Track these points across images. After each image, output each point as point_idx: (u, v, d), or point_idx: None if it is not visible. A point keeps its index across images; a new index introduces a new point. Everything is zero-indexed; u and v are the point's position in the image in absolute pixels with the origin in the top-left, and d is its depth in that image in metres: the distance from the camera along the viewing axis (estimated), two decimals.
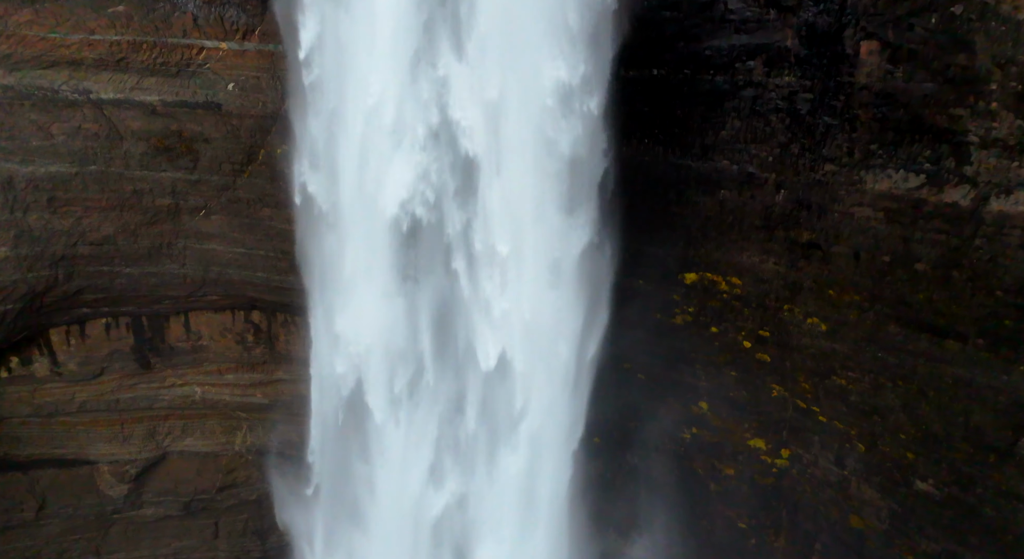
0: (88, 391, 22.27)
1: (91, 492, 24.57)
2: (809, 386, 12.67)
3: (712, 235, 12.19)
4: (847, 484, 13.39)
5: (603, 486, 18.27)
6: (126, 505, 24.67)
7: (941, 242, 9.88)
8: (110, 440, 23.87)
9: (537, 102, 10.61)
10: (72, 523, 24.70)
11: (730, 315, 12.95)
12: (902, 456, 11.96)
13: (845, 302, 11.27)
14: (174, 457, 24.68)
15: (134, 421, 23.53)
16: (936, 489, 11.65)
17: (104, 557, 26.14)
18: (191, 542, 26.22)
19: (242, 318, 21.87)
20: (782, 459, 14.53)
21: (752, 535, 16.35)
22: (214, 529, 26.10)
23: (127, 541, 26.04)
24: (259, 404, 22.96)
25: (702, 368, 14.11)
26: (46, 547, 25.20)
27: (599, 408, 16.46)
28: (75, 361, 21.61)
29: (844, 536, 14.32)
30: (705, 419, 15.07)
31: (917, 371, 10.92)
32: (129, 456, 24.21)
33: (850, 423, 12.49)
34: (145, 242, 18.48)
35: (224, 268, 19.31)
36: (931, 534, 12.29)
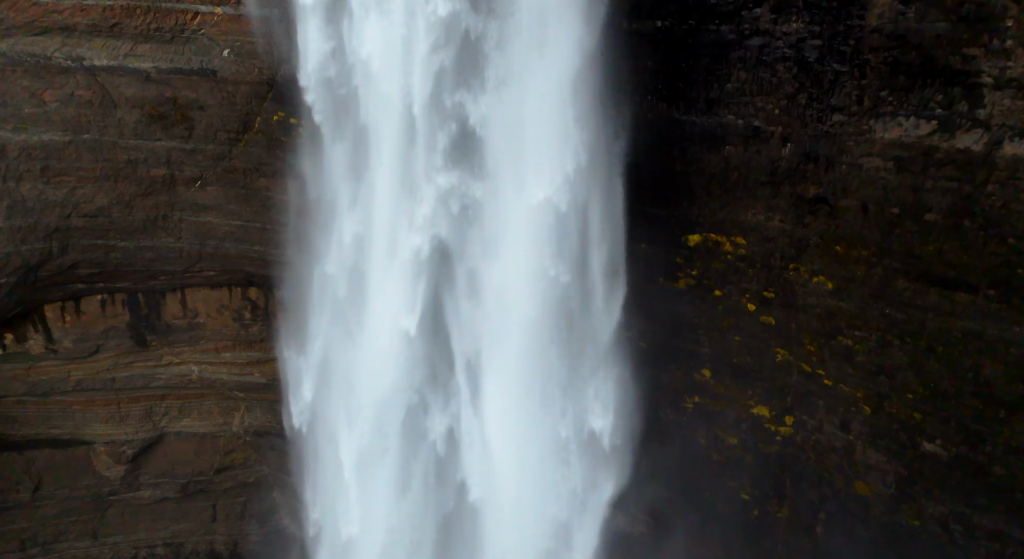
0: (84, 369, 21.96)
1: (88, 473, 24.26)
2: (814, 348, 12.42)
3: (716, 193, 11.92)
4: (852, 449, 13.15)
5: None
6: (123, 487, 24.37)
7: (952, 190, 9.63)
8: (106, 420, 23.57)
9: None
10: (68, 504, 24.40)
11: (734, 277, 12.68)
12: (909, 417, 11.71)
13: (852, 258, 11.01)
14: (171, 438, 24.38)
15: (131, 401, 23.23)
16: (944, 449, 11.42)
17: (101, 539, 25.85)
18: (189, 525, 25.93)
19: (239, 295, 21.58)
20: (786, 426, 14.28)
21: (755, 506, 16.10)
22: (212, 512, 25.82)
23: (124, 524, 25.74)
24: (257, 383, 22.66)
25: (705, 333, 13.85)
26: (42, 529, 24.89)
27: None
28: (70, 338, 21.29)
29: (849, 504, 14.08)
30: (708, 387, 14.81)
31: (926, 326, 10.67)
32: (126, 436, 23.91)
33: (856, 385, 12.24)
34: (140, 214, 18.16)
35: (220, 242, 19.00)
36: (938, 496, 12.06)
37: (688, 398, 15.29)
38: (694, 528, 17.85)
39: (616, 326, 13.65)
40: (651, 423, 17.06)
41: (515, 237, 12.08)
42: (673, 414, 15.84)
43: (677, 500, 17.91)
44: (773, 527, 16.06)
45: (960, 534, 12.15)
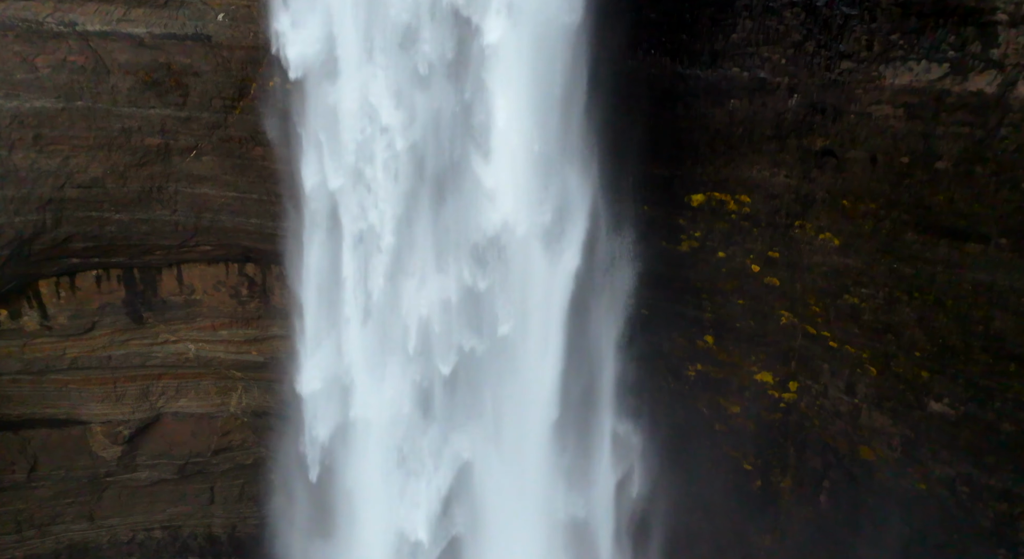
0: (79, 346, 21.61)
1: (84, 453, 23.92)
2: (819, 309, 12.16)
3: (721, 150, 11.63)
4: (857, 413, 12.90)
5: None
6: (119, 468, 24.05)
7: (964, 135, 9.35)
8: (102, 400, 23.23)
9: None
10: (65, 486, 24.06)
11: (738, 237, 12.41)
12: (916, 376, 11.46)
13: (860, 212, 10.74)
14: (168, 418, 24.05)
15: (127, 380, 22.89)
16: (951, 408, 11.17)
17: (98, 522, 25.53)
18: (187, 508, 25.62)
19: (236, 271, 21.24)
20: (790, 392, 14.03)
21: (758, 476, 15.86)
22: (210, 494, 25.51)
23: (121, 506, 25.41)
24: (254, 362, 22.34)
25: (708, 298, 13.57)
26: (38, 510, 24.55)
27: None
28: (65, 314, 20.93)
29: (853, 470, 13.84)
30: (711, 353, 14.55)
31: (935, 280, 10.40)
32: (122, 416, 23.57)
33: (862, 345, 11.98)
34: (135, 185, 17.80)
35: (216, 214, 18.65)
36: (945, 458, 11.82)
37: (690, 366, 15.03)
38: (696, 500, 17.62)
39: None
40: (652, 395, 16.90)
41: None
42: (675, 383, 15.58)
43: (679, 474, 17.70)
44: (776, 497, 15.83)
45: (967, 496, 11.92)
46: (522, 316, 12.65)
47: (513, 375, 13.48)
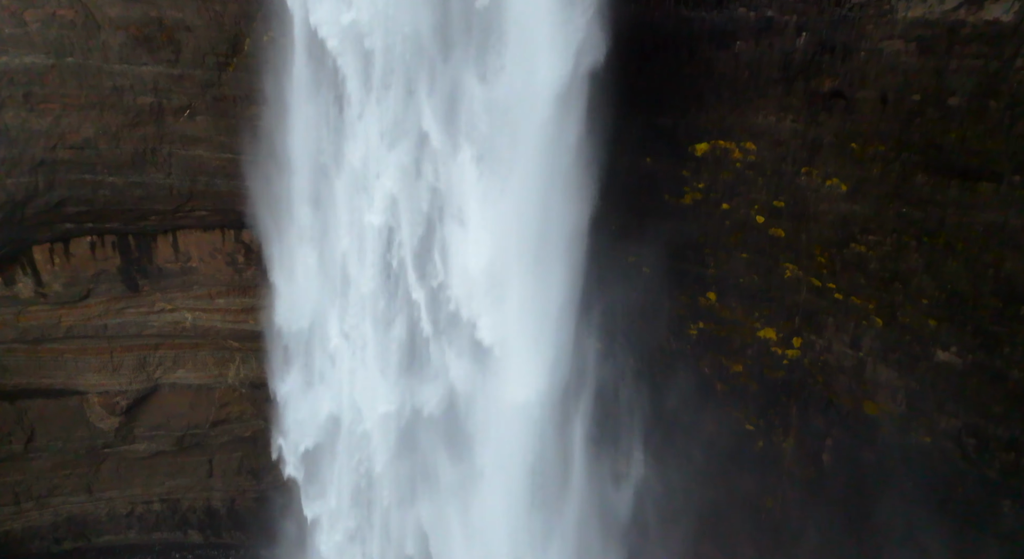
0: (75, 315, 21.31)
1: (81, 424, 23.69)
2: (825, 259, 11.90)
3: (726, 96, 11.31)
4: (862, 367, 12.68)
5: (606, 397, 17.58)
6: (117, 439, 23.83)
7: (978, 69, 9.05)
8: (99, 370, 22.97)
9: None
10: (63, 457, 23.85)
11: (743, 187, 12.12)
12: (923, 325, 11.23)
13: (869, 155, 10.46)
14: (166, 389, 23.80)
15: (124, 350, 22.62)
16: (958, 357, 10.95)
17: (96, 494, 25.33)
18: (185, 480, 25.43)
19: (232, 237, 20.90)
20: (793, 349, 13.80)
21: (760, 437, 15.67)
22: (208, 467, 25.31)
23: (119, 478, 25.22)
24: (251, 332, 22.02)
25: (711, 253, 13.30)
26: (36, 482, 24.36)
27: (601, 309, 15.77)
28: (60, 282, 20.62)
29: (857, 427, 13.64)
30: (713, 311, 14.31)
31: (945, 223, 10.14)
32: (119, 387, 23.32)
33: (868, 296, 11.74)
34: (128, 147, 17.44)
35: (211, 178, 18.30)
36: (951, 409, 11.62)
37: (692, 325, 14.78)
38: (697, 465, 17.43)
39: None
40: (654, 355, 16.68)
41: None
42: (677, 343, 15.34)
43: (680, 437, 17.52)
44: (778, 458, 15.63)
45: (973, 447, 11.74)
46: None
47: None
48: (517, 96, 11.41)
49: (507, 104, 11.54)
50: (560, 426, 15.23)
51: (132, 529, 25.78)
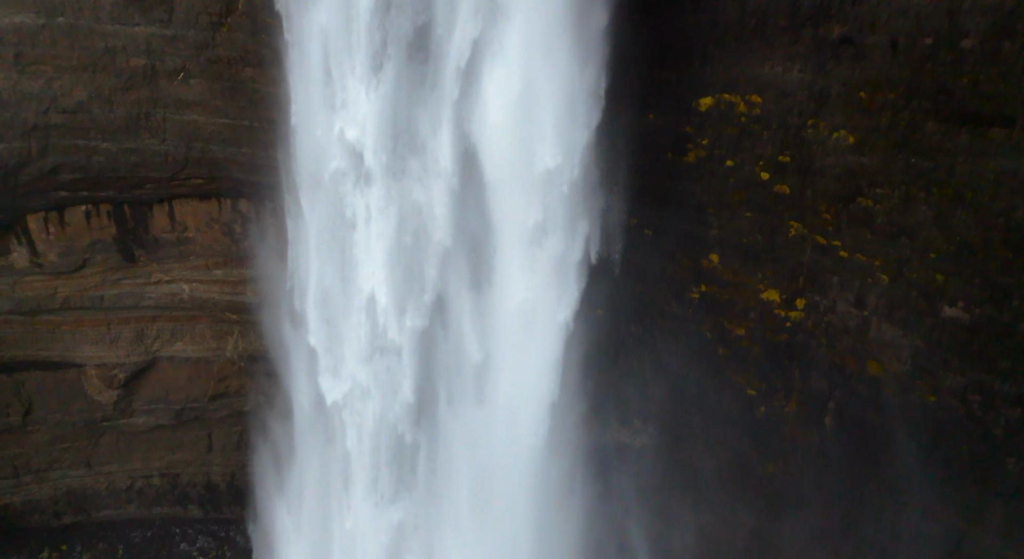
0: (71, 285, 21.10)
1: (79, 397, 23.54)
2: (831, 215, 11.69)
3: (731, 46, 11.03)
4: (866, 327, 12.50)
5: (606, 364, 17.42)
6: (116, 413, 23.71)
7: (993, 8, 8.77)
8: (97, 342, 22.79)
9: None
10: (61, 430, 23.74)
11: (748, 142, 11.87)
12: (930, 280, 11.04)
13: (878, 104, 10.20)
14: (164, 363, 23.65)
15: (121, 322, 22.43)
16: (966, 312, 10.77)
17: (95, 468, 25.26)
18: (185, 455, 25.34)
19: (229, 207, 20.62)
20: (797, 311, 13.62)
21: (761, 402, 15.52)
22: (208, 441, 25.23)
23: (119, 452, 25.13)
24: (249, 304, 21.86)
25: (715, 212, 13.08)
26: (35, 456, 24.27)
27: (602, 276, 15.56)
28: (55, 251, 20.37)
29: (860, 389, 13.49)
30: (715, 273, 14.11)
31: (955, 172, 9.91)
32: (117, 360, 23.16)
33: (874, 252, 11.53)
34: (121, 111, 17.10)
35: (207, 144, 17.98)
36: (957, 366, 11.46)
37: (694, 288, 14.57)
38: (699, 433, 17.29)
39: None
40: (655, 320, 16.50)
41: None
42: (678, 307, 15.15)
43: (681, 405, 17.38)
44: (780, 423, 15.50)
45: (979, 405, 11.60)
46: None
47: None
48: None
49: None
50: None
51: (132, 504, 25.75)
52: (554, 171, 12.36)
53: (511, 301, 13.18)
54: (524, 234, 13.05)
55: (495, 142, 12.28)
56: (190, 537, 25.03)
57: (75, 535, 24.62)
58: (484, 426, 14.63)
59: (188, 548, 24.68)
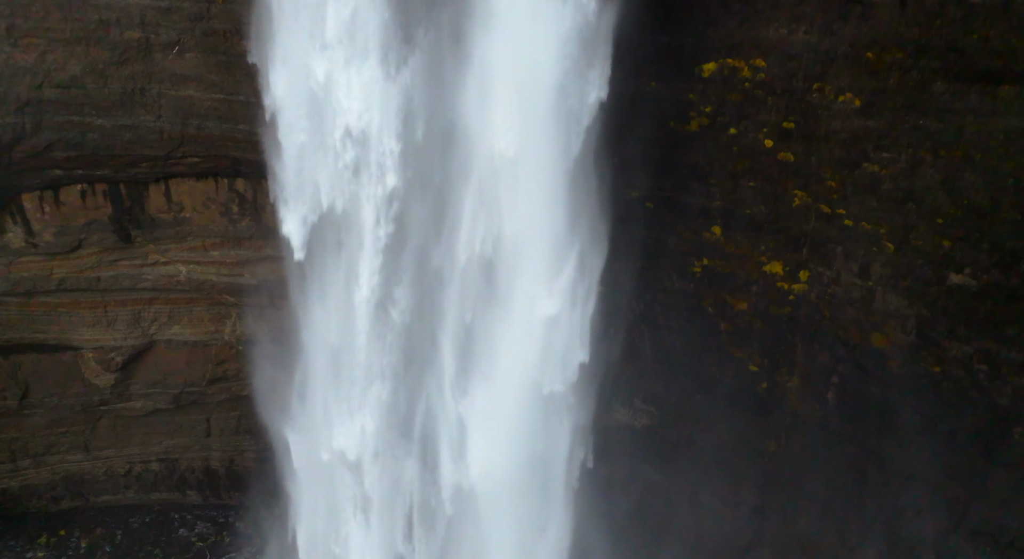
0: (67, 266, 20.82)
1: (76, 380, 23.30)
2: (836, 183, 11.49)
3: (736, 8, 10.79)
4: (871, 297, 12.33)
5: (606, 340, 17.25)
6: (113, 396, 23.47)
7: None
8: (93, 325, 22.55)
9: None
10: (58, 414, 23.51)
11: (752, 109, 11.64)
12: (937, 247, 10.85)
13: (886, 64, 9.98)
14: (161, 346, 23.40)
15: (117, 304, 22.18)
16: (972, 278, 10.59)
17: (93, 453, 25.04)
18: (183, 440, 25.14)
19: (226, 186, 20.36)
20: (800, 283, 13.44)
21: (764, 377, 15.36)
22: (206, 426, 25.01)
23: (116, 437, 24.91)
24: (247, 286, 21.61)
25: (717, 183, 12.87)
26: (32, 439, 24.03)
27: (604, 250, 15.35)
28: (51, 231, 20.09)
29: (864, 361, 13.33)
30: (718, 246, 13.91)
31: (964, 133, 9.71)
32: (114, 342, 22.92)
33: (879, 220, 11.34)
34: (116, 86, 16.82)
35: (203, 120, 17.70)
36: (963, 335, 11.30)
37: (696, 262, 14.38)
38: (700, 411, 17.13)
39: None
40: (656, 296, 16.32)
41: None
42: (680, 281, 14.96)
43: (682, 382, 17.21)
44: (782, 399, 15.33)
45: (984, 374, 11.43)
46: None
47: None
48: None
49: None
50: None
51: (130, 489, 25.54)
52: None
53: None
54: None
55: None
56: (189, 523, 24.83)
57: (73, 520, 24.42)
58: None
59: (187, 534, 24.49)
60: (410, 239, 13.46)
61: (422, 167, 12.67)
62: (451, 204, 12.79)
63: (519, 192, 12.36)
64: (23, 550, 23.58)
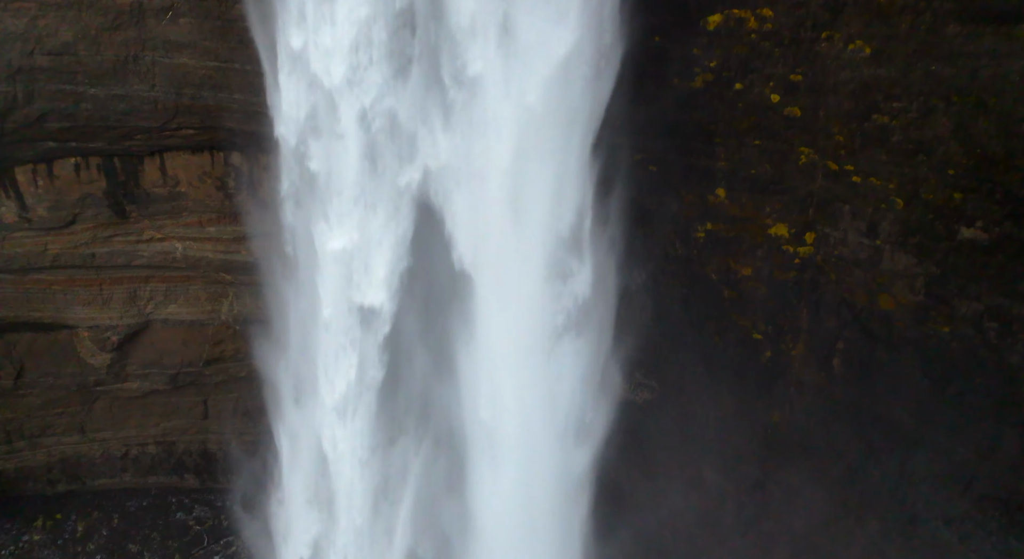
0: (61, 242, 20.43)
1: (72, 360, 22.90)
2: (843, 137, 11.16)
3: None
4: (879, 257, 12.00)
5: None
6: (109, 377, 23.07)
7: None
8: (88, 303, 22.15)
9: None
10: (54, 394, 23.11)
11: (758, 62, 11.30)
12: (948, 199, 10.53)
13: (897, 7, 9.61)
14: (158, 325, 23.01)
15: (113, 282, 21.79)
16: (984, 231, 10.26)
17: (89, 435, 24.65)
18: (180, 422, 24.76)
19: (221, 160, 19.96)
20: (805, 246, 13.11)
21: (768, 346, 15.02)
22: (203, 408, 24.63)
23: (113, 418, 24.52)
24: (244, 263, 21.22)
25: (722, 142, 12.53)
26: (28, 420, 23.64)
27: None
28: (44, 205, 19.70)
29: (871, 325, 13.00)
30: (722, 209, 13.57)
31: (978, 77, 9.39)
32: (110, 321, 22.52)
33: (888, 174, 11.01)
34: (109, 53, 16.43)
35: (198, 90, 17.31)
36: (973, 292, 10.98)
37: (699, 227, 14.03)
38: (702, 384, 16.76)
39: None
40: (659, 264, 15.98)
41: None
42: (683, 248, 14.62)
43: (684, 354, 16.88)
44: (787, 368, 14.99)
45: (995, 331, 11.11)
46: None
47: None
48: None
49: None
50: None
51: (127, 472, 25.15)
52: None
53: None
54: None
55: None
56: (187, 506, 24.47)
57: (70, 503, 24.04)
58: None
59: (184, 517, 24.13)
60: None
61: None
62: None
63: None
64: (19, 533, 23.21)
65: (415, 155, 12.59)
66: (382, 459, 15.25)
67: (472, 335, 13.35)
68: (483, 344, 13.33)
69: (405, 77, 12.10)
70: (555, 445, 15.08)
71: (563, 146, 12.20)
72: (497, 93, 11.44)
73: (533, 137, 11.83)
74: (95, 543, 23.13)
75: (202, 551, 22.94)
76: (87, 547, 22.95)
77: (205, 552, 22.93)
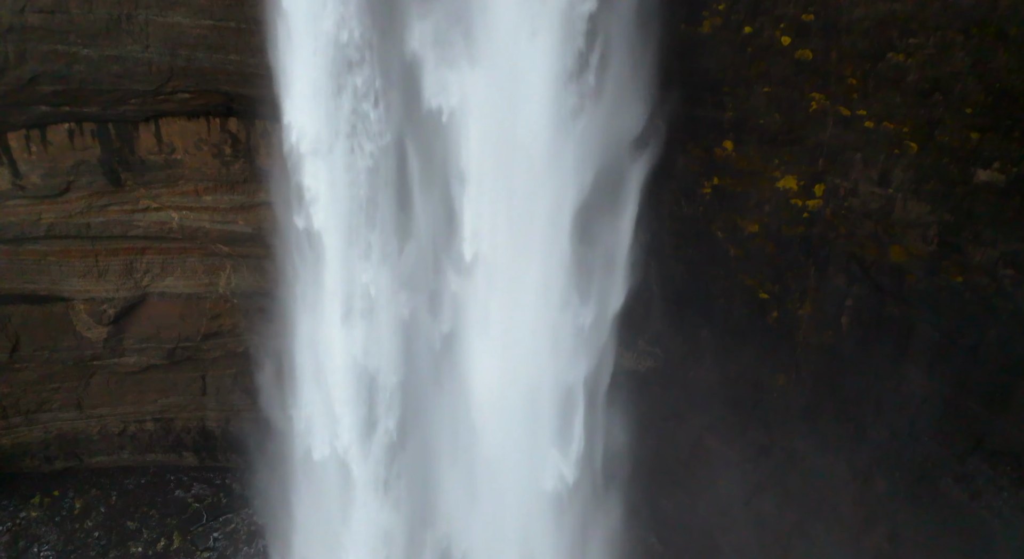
0: (55, 211, 19.94)
1: (68, 333, 22.45)
2: (856, 80, 10.79)
3: None
4: (890, 207, 11.66)
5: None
6: (106, 351, 22.64)
7: None
8: (84, 275, 21.69)
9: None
10: (50, 369, 22.67)
11: (768, 3, 10.84)
12: (965, 141, 10.18)
13: None
14: (154, 299, 22.55)
15: (109, 253, 21.33)
16: (1001, 173, 9.93)
17: (87, 411, 24.23)
18: (178, 398, 24.35)
19: (218, 126, 19.44)
20: (815, 198, 12.76)
21: (774, 306, 14.71)
22: (201, 384, 24.22)
23: (110, 394, 24.08)
24: (242, 233, 20.79)
25: (730, 91, 12.15)
26: (24, 395, 23.21)
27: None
28: (38, 173, 19.20)
29: (881, 279, 12.68)
30: (729, 163, 13.21)
31: (998, 6, 9.03)
32: (106, 294, 22.06)
33: (903, 117, 10.66)
34: (101, 11, 15.89)
35: (193, 51, 16.80)
36: (988, 237, 10.65)
37: (706, 182, 13.67)
38: (707, 350, 16.43)
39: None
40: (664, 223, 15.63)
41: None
42: (688, 206, 14.27)
43: (689, 317, 16.55)
44: (794, 328, 14.65)
45: (1010, 279, 10.79)
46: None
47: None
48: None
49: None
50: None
51: (125, 450, 24.76)
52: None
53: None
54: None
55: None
56: (185, 484, 24.11)
57: (67, 481, 23.66)
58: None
59: (183, 495, 23.78)
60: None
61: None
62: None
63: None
64: (16, 510, 22.84)
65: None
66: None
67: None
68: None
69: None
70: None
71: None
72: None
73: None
74: (93, 520, 22.76)
75: (201, 528, 22.59)
76: (85, 524, 22.59)
77: (204, 529, 22.58)
